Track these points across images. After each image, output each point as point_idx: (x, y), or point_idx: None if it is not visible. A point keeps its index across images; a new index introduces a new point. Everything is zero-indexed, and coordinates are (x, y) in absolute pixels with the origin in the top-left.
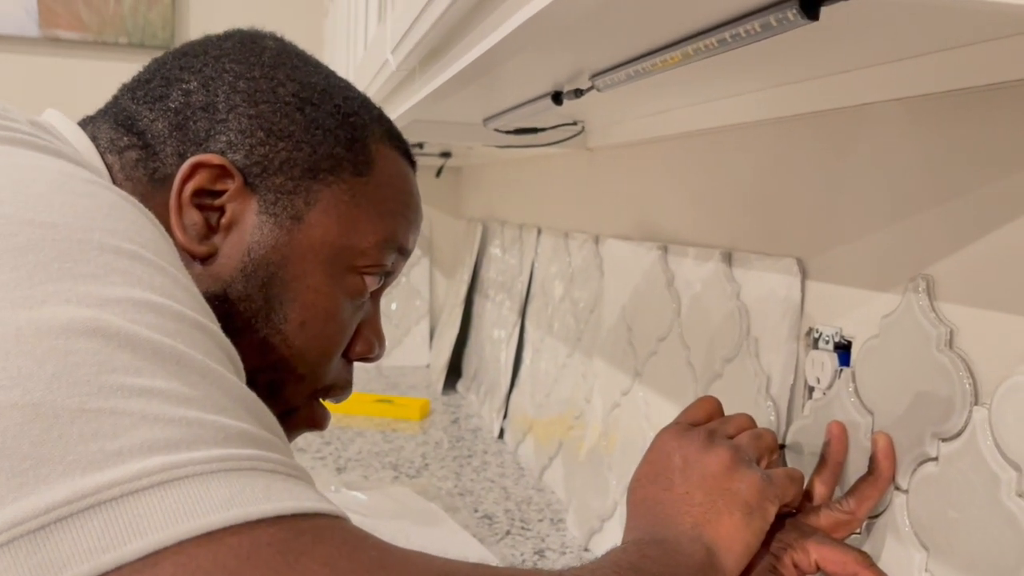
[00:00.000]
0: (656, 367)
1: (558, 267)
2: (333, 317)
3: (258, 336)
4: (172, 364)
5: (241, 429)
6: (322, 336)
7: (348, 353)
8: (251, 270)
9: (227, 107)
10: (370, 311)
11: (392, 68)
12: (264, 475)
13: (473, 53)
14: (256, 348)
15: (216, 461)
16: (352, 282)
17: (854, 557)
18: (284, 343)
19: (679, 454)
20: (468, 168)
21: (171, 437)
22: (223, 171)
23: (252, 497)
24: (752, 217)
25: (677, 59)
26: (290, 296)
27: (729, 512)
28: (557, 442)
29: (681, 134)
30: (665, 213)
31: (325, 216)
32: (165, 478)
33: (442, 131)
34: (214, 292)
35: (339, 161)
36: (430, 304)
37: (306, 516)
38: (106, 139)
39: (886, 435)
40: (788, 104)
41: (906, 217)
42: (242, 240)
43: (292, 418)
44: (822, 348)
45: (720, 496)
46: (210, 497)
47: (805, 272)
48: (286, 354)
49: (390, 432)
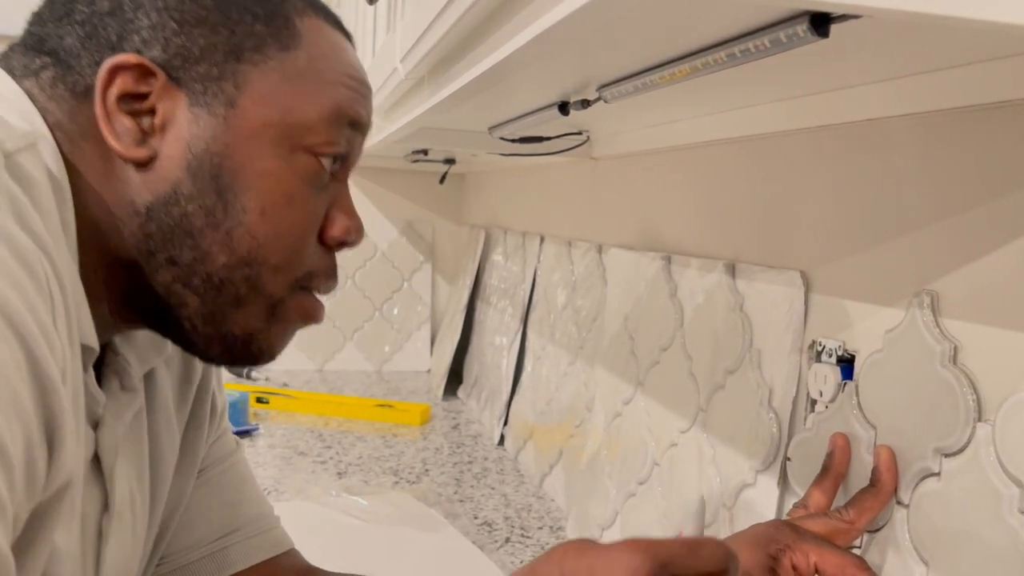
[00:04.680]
0: (658, 377)
1: (561, 275)
2: (293, 201)
3: (221, 232)
4: None
5: None
6: (286, 222)
7: (324, 238)
8: (196, 166)
9: (133, 5)
10: (338, 194)
11: (401, 76)
12: None
13: (484, 64)
14: (223, 244)
15: None
16: (306, 163)
17: (852, 561)
18: (249, 234)
19: None
20: (471, 175)
21: None
22: (143, 70)
23: None
24: (756, 229)
25: (686, 72)
26: (243, 185)
27: None
28: (558, 450)
29: (686, 145)
30: (669, 223)
31: (259, 97)
32: None
33: (448, 138)
34: (164, 195)
35: (261, 39)
36: (431, 310)
37: None
38: (20, 66)
39: (889, 448)
40: (794, 118)
41: (911, 232)
42: (180, 137)
43: (282, 311)
44: (825, 361)
45: None
46: None
47: (809, 285)
48: (254, 245)
49: (391, 437)
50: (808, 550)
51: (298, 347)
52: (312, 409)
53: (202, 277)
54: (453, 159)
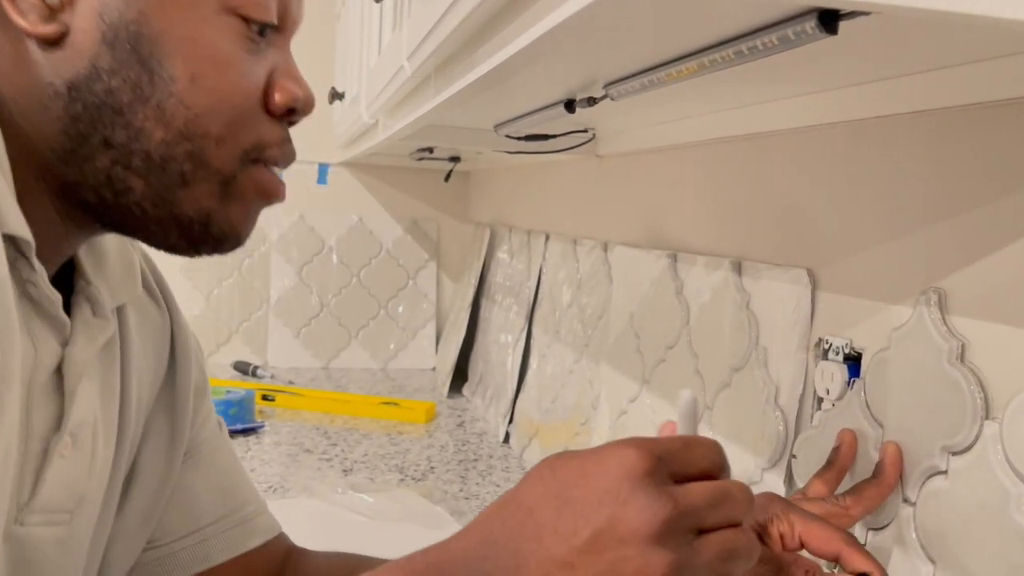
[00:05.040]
0: (664, 375)
1: (566, 273)
2: (225, 65)
3: (152, 104)
4: None
5: None
6: (220, 88)
7: (269, 106)
8: (112, 37)
9: None
10: (280, 60)
11: (407, 74)
12: None
13: (491, 62)
14: (156, 118)
15: None
16: (232, 25)
17: (839, 535)
18: (182, 105)
19: (608, 511)
20: (476, 173)
21: None
22: None
23: None
24: (763, 227)
25: (693, 70)
26: (166, 53)
27: None
28: (563, 447)
29: (692, 143)
30: (675, 221)
31: None
32: None
33: (453, 136)
34: (84, 72)
35: None
36: (436, 307)
37: None
38: None
39: (896, 444)
40: (801, 115)
41: (919, 230)
42: (91, 8)
43: (235, 188)
44: (832, 359)
45: None
46: None
47: (815, 283)
48: (190, 116)
49: (396, 435)
50: (795, 521)
51: (303, 345)
52: (317, 407)
53: (141, 157)
54: (458, 157)
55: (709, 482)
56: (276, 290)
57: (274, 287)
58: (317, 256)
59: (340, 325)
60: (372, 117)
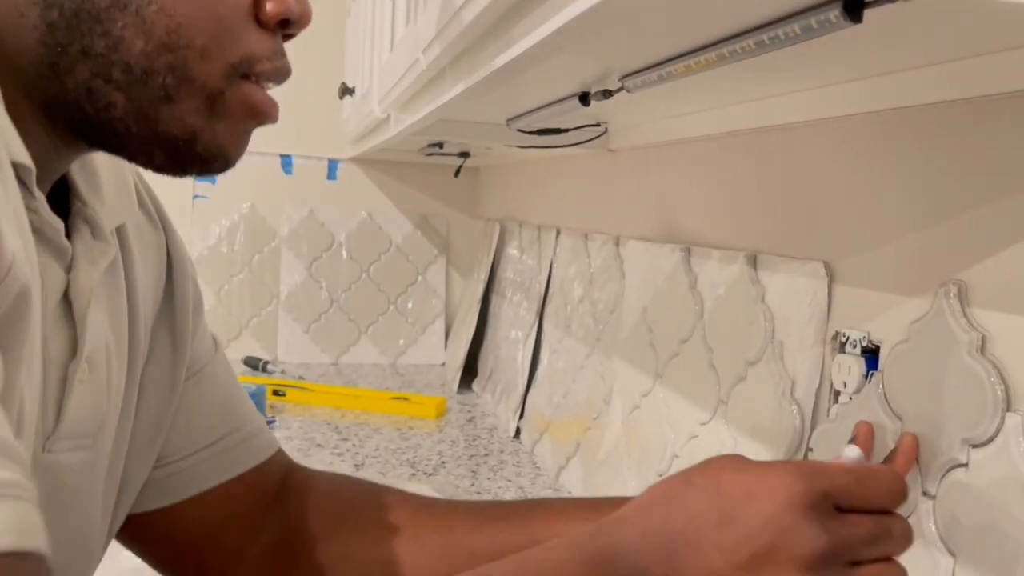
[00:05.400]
0: (678, 369)
1: (577, 268)
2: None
3: (131, 11)
4: None
5: None
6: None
7: (260, 16)
8: None
9: None
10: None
11: (422, 67)
12: None
13: (508, 54)
14: (136, 26)
15: None
16: None
17: None
18: (164, 13)
19: (769, 537)
20: (486, 168)
21: None
22: None
23: None
24: (778, 220)
25: (712, 60)
26: None
27: None
28: (575, 442)
29: (706, 136)
30: (688, 215)
31: None
32: None
33: (465, 131)
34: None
35: None
36: (446, 303)
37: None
38: None
39: (913, 435)
40: (819, 107)
41: (938, 222)
42: None
43: (223, 105)
44: (849, 352)
45: None
46: None
47: (832, 276)
48: (172, 25)
49: (407, 430)
50: None
51: (313, 340)
52: (328, 402)
53: (121, 68)
54: (468, 153)
55: (871, 517)
56: (286, 285)
57: (284, 282)
58: (327, 252)
59: (350, 320)
60: (384, 112)
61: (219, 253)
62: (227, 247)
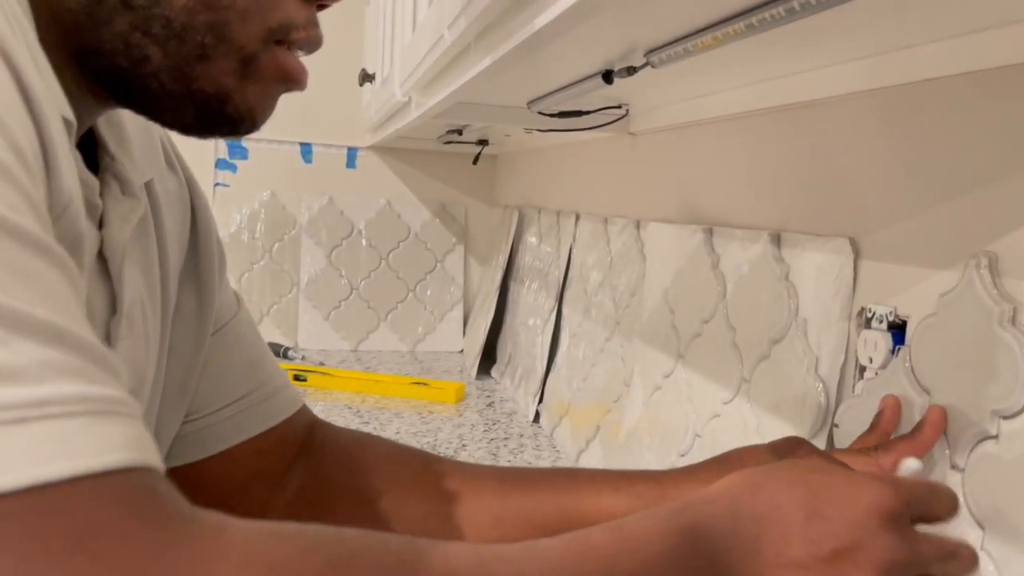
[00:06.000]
0: (700, 349)
1: (597, 252)
2: None
3: None
4: None
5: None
6: None
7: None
8: None
9: None
10: None
11: (447, 43)
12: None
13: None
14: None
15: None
16: None
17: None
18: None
19: (855, 536)
20: (504, 156)
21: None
22: None
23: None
24: (802, 198)
25: (740, 31)
26: None
27: None
28: (595, 425)
29: (728, 116)
30: (710, 196)
31: None
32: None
33: (485, 114)
34: None
35: None
36: (464, 291)
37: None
38: None
39: (941, 408)
40: (843, 83)
41: (967, 193)
42: None
43: (256, 68)
44: (875, 327)
45: None
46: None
47: (858, 251)
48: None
49: (427, 414)
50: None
51: (333, 327)
52: (349, 387)
53: (161, 23)
54: (486, 140)
55: (945, 539)
56: (306, 273)
57: (304, 270)
58: (346, 239)
59: (369, 308)
60: (405, 95)
61: (240, 241)
62: (247, 235)
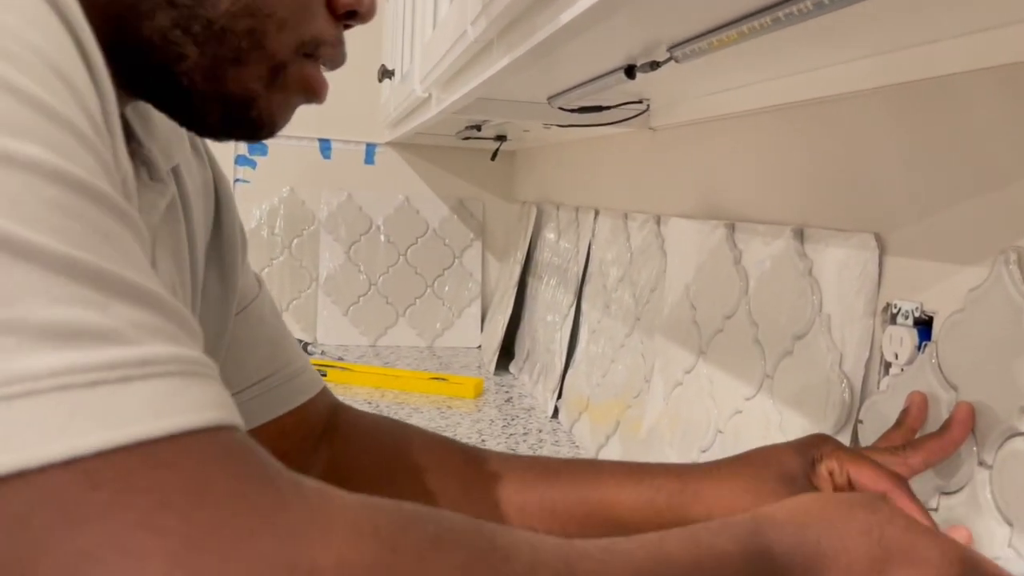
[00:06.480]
0: (722, 345)
1: (617, 248)
2: None
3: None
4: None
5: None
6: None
7: (332, 4)
8: None
9: None
10: None
11: (470, 39)
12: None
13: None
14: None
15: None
16: None
17: (888, 476)
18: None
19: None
20: (522, 152)
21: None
22: None
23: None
24: (825, 193)
25: (767, 24)
26: None
27: None
28: (615, 421)
29: (751, 111)
30: (732, 191)
31: None
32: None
33: (506, 110)
34: None
35: None
36: (482, 287)
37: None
38: None
39: (969, 405)
40: (868, 77)
41: (995, 188)
42: None
43: (283, 77)
44: (901, 323)
45: None
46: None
47: (883, 247)
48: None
49: (446, 409)
50: (844, 459)
51: (352, 322)
52: (368, 382)
53: (202, 23)
54: (504, 136)
55: None
56: (325, 268)
57: (323, 265)
58: (365, 235)
59: (388, 303)
60: (425, 91)
61: (259, 236)
62: (267, 230)
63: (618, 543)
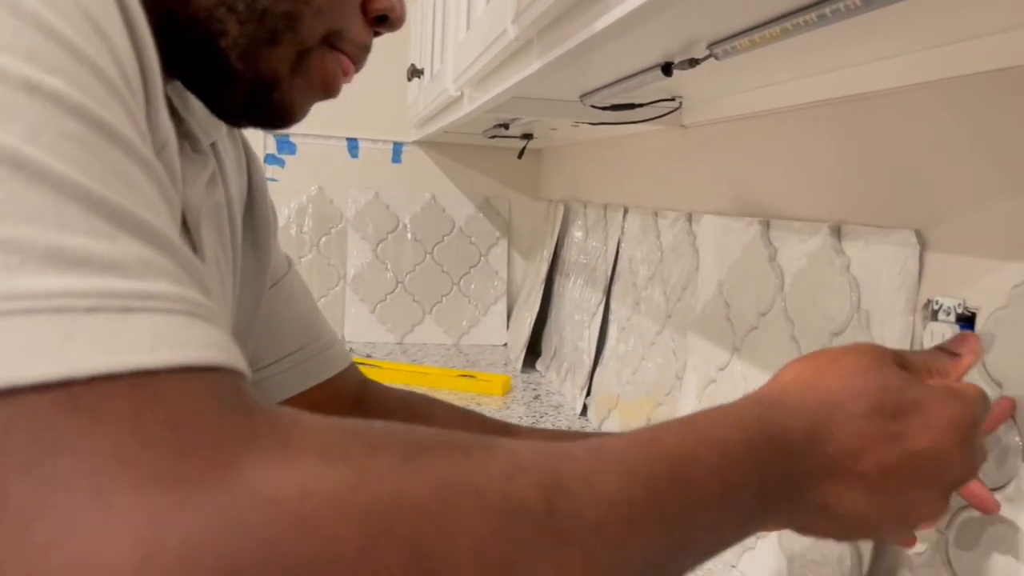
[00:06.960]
0: (757, 342)
1: (647, 245)
2: None
3: None
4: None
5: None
6: None
7: (366, 6)
8: None
9: None
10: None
11: (510, 37)
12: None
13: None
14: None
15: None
16: None
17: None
18: None
19: (934, 466)
20: (549, 150)
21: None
22: None
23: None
24: (863, 190)
25: (812, 20)
26: None
27: (894, 511)
28: (645, 418)
29: (786, 108)
30: (767, 188)
31: None
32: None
33: (538, 108)
34: None
35: None
36: (508, 284)
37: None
38: None
39: (1011, 400)
40: (908, 73)
41: None
42: None
43: (306, 63)
44: (942, 320)
45: (914, 490)
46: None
47: (924, 243)
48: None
49: (474, 406)
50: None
51: (379, 320)
52: (396, 379)
53: (246, 2)
54: (531, 134)
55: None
56: (352, 266)
57: (350, 263)
58: (392, 233)
59: (414, 301)
60: (458, 90)
61: (288, 234)
62: (295, 228)
63: (608, 441)
